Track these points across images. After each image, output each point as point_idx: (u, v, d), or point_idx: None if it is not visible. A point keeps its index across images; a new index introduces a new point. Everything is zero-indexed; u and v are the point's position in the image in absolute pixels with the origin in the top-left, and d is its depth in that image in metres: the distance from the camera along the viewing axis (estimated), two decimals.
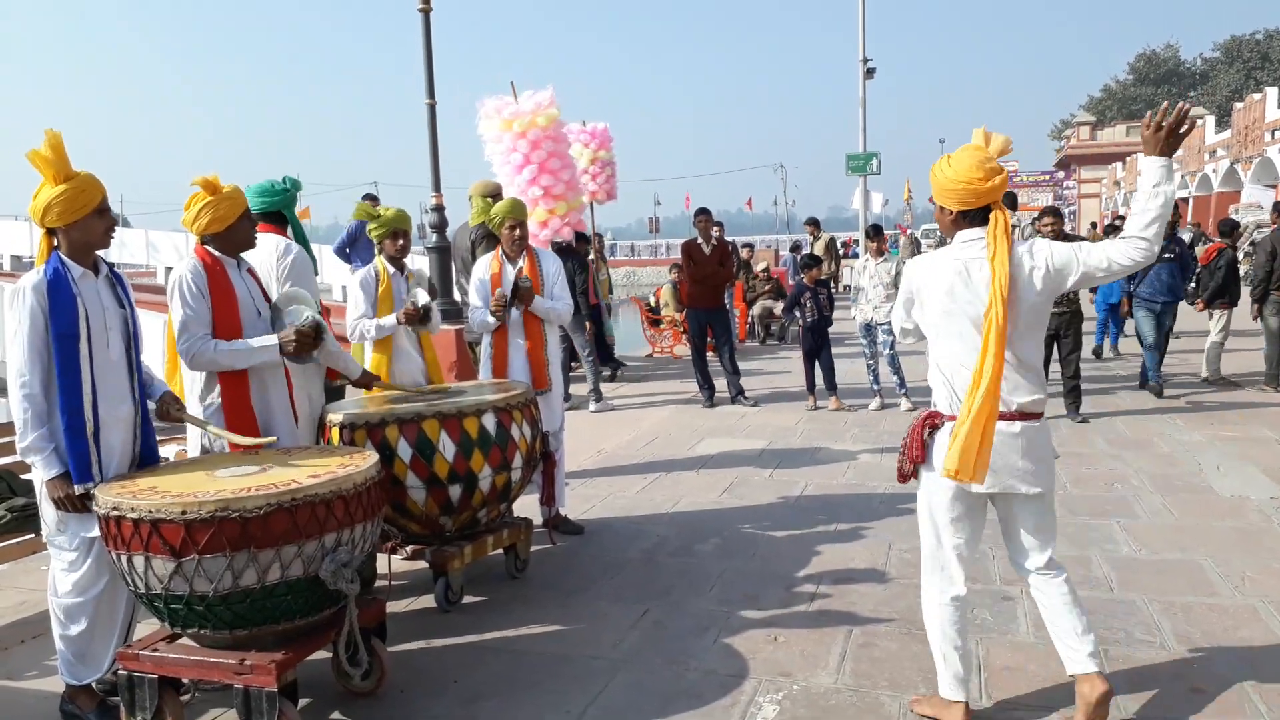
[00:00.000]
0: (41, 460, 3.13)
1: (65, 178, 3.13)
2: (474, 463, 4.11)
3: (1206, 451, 6.76)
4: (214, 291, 3.60)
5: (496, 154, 8.99)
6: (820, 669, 3.58)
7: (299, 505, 2.97)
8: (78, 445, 3.12)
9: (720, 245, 9.69)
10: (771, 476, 6.53)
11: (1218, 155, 32.82)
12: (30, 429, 3.11)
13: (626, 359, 13.16)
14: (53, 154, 3.11)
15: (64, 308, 3.10)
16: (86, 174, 3.18)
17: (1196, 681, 3.37)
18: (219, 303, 3.60)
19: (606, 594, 4.43)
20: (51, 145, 3.11)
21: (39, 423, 3.12)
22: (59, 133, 3.14)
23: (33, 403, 3.11)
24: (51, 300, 3.09)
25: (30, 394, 3.10)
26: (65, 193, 3.12)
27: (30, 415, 3.10)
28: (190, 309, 3.55)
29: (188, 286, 3.56)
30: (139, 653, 3.12)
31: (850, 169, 20.75)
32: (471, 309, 5.30)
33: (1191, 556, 4.65)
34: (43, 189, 3.14)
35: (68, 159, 3.14)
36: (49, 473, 3.13)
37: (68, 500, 3.14)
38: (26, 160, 3.11)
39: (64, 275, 3.13)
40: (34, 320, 3.09)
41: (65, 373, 3.09)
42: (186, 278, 3.58)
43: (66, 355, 3.09)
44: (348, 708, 3.42)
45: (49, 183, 3.13)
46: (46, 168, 3.11)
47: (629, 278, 46.76)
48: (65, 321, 3.10)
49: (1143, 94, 70.90)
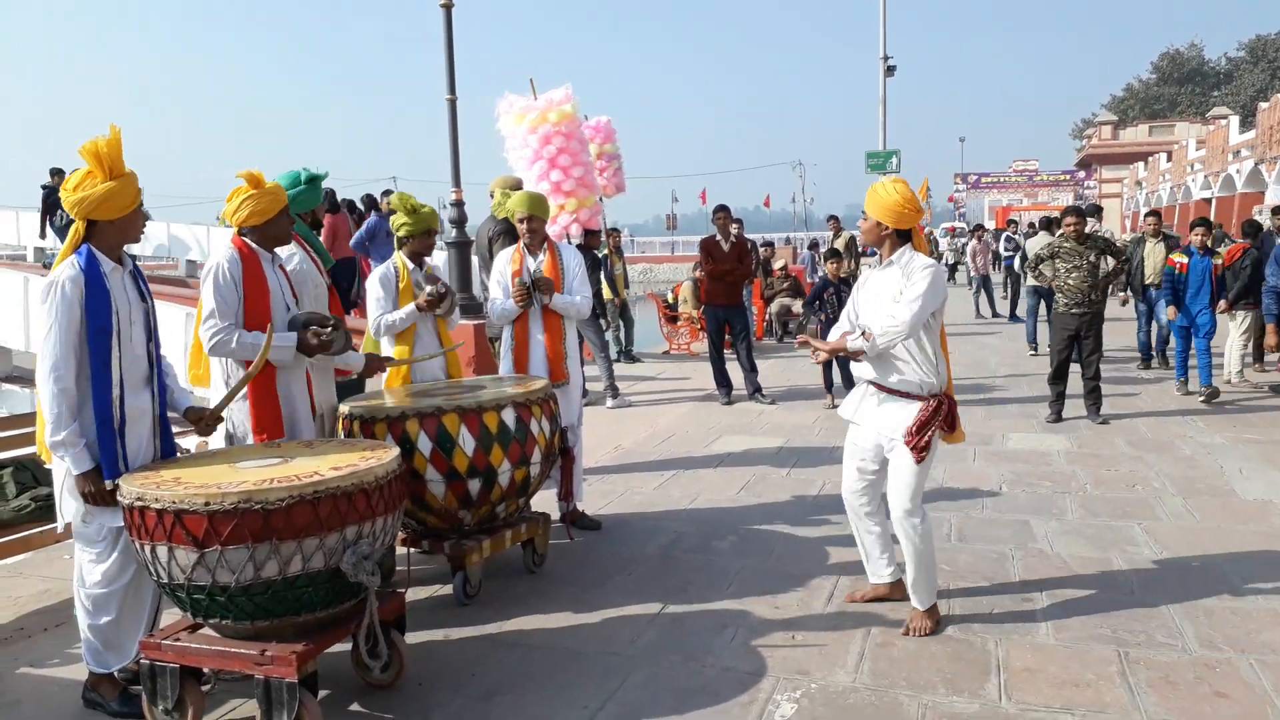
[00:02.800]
0: (73, 455, 3.14)
1: (118, 174, 3.17)
2: (493, 457, 4.12)
3: (1229, 454, 6.70)
4: (248, 282, 3.67)
5: (513, 151, 9.01)
6: (838, 668, 3.57)
7: (321, 498, 2.98)
8: (108, 440, 3.14)
9: (739, 242, 9.67)
10: (789, 474, 6.52)
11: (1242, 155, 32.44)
12: (63, 424, 3.11)
13: (644, 355, 13.17)
14: (111, 150, 3.15)
15: (99, 301, 3.12)
16: (132, 172, 3.23)
17: (1220, 686, 3.34)
18: (251, 293, 3.66)
19: (624, 590, 4.43)
20: (113, 141, 3.15)
21: (72, 417, 3.13)
22: (120, 129, 3.18)
23: (67, 397, 3.11)
24: (88, 294, 3.11)
25: (65, 388, 3.11)
26: (115, 189, 3.15)
27: (64, 410, 3.11)
28: (221, 297, 3.61)
29: (223, 275, 3.64)
30: (161, 642, 3.14)
31: (870, 167, 20.70)
32: (491, 300, 5.31)
33: (1214, 560, 4.60)
34: (87, 181, 3.15)
35: (123, 155, 3.19)
36: (80, 467, 3.14)
37: (98, 495, 3.16)
38: (80, 153, 3.13)
39: (97, 269, 3.16)
40: (70, 314, 3.10)
41: (98, 368, 3.11)
42: (223, 266, 3.65)
43: (100, 349, 3.12)
44: (367, 700, 3.44)
45: (98, 176, 3.15)
46: (101, 162, 3.14)
47: (646, 274, 46.71)
48: (101, 315, 3.12)
49: (1166, 93, 70.23)
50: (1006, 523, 5.25)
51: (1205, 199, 34.44)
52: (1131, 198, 51.37)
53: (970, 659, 3.60)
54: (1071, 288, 7.75)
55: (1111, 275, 8.33)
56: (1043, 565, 4.57)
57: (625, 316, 12.84)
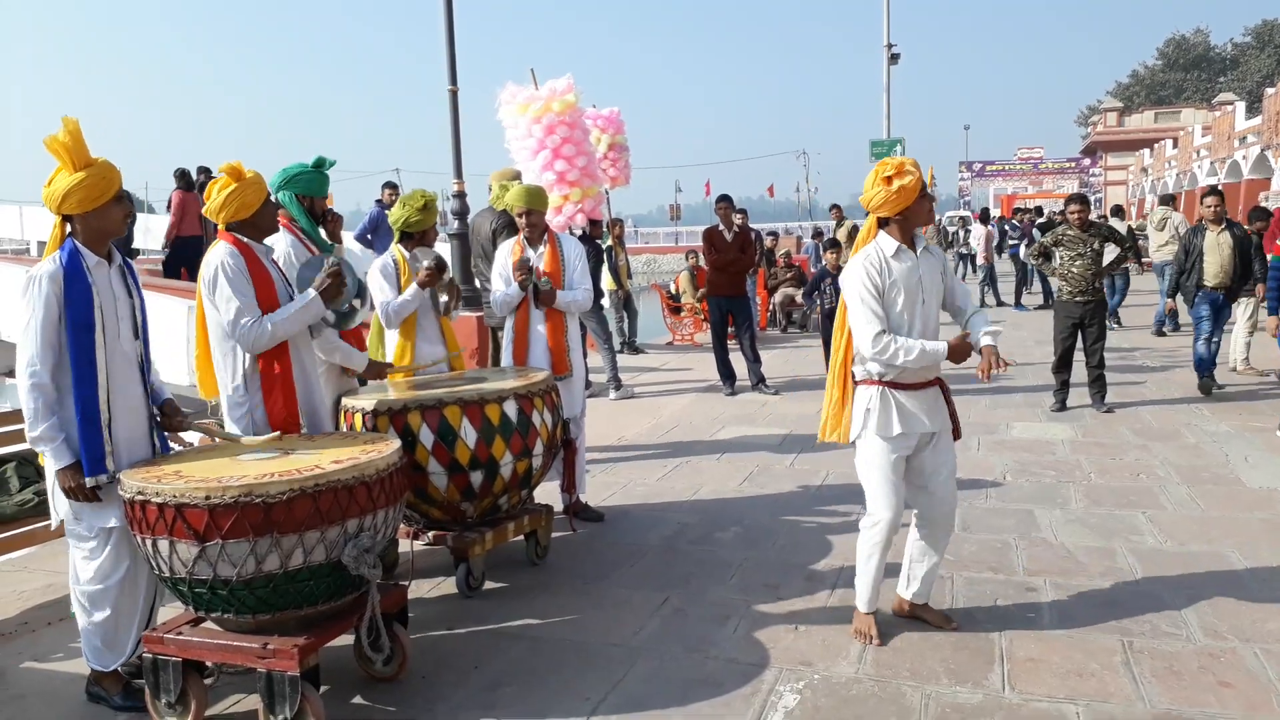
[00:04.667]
0: (52, 450, 3.13)
1: (84, 165, 3.13)
2: (495, 449, 4.11)
3: (1234, 442, 6.67)
4: (252, 275, 3.58)
5: (515, 141, 8.97)
6: (841, 659, 3.57)
7: (322, 490, 2.98)
8: (92, 436, 3.11)
9: (742, 232, 9.63)
10: (792, 465, 6.51)
11: (1248, 142, 32.29)
12: (40, 419, 3.10)
13: (647, 346, 13.15)
14: (72, 141, 3.10)
15: (80, 297, 3.09)
16: (104, 161, 3.18)
17: (1224, 675, 3.33)
18: (258, 286, 3.58)
19: (627, 581, 4.43)
20: (70, 132, 3.10)
21: (49, 412, 3.11)
22: (77, 120, 3.13)
23: (43, 392, 3.10)
24: (67, 289, 3.08)
25: (40, 383, 3.09)
26: (85, 180, 3.11)
27: (40, 405, 3.09)
28: (242, 295, 3.52)
29: (232, 272, 3.53)
30: (164, 636, 3.15)
31: (874, 155, 20.65)
32: (493, 291, 5.30)
33: (1219, 549, 4.59)
34: (59, 176, 3.13)
35: (86, 146, 3.14)
36: (60, 462, 3.13)
37: (78, 491, 3.14)
38: (44, 147, 3.10)
39: (80, 263, 3.13)
40: (48, 309, 3.07)
41: (80, 363, 3.09)
42: (228, 264, 3.54)
43: (81, 345, 3.09)
44: (369, 693, 3.44)
45: (67, 170, 3.12)
46: (65, 155, 3.11)
47: (650, 265, 46.64)
48: (81, 311, 3.09)
49: (1171, 79, 69.83)
50: (1010, 512, 5.24)
51: (1212, 185, 34.30)
52: (1137, 184, 51.17)
53: (974, 649, 3.60)
54: (1075, 276, 7.71)
55: (1115, 263, 8.28)
56: (1046, 555, 4.56)
57: (629, 307, 12.83)
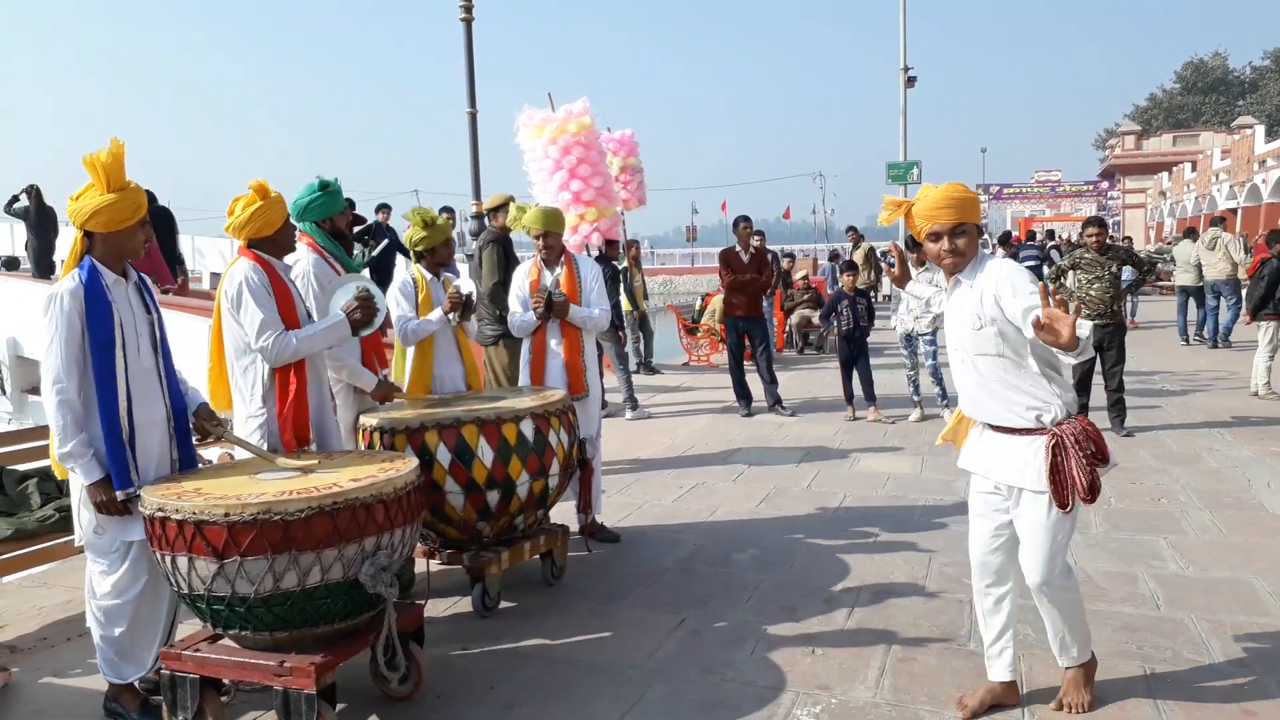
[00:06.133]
0: (81, 466, 3.16)
1: (119, 187, 3.19)
2: (512, 469, 4.12)
3: (1256, 467, 6.60)
4: (274, 291, 3.65)
5: (532, 163, 9.04)
6: (859, 682, 3.54)
7: (340, 509, 2.99)
8: (116, 451, 3.15)
9: (759, 253, 9.65)
10: (809, 487, 6.48)
11: (1268, 165, 32.16)
12: (69, 435, 3.13)
13: (663, 366, 13.16)
14: (112, 162, 3.16)
15: (100, 314, 3.14)
16: (136, 186, 3.24)
17: (1248, 703, 3.29)
18: (279, 301, 3.65)
19: (643, 602, 4.42)
20: (114, 154, 3.17)
21: (78, 428, 3.15)
22: (123, 144, 3.20)
23: (71, 408, 3.13)
24: (88, 306, 3.12)
25: (67, 399, 3.12)
26: (116, 202, 3.17)
27: (69, 421, 3.13)
28: (266, 309, 3.59)
29: (256, 286, 3.60)
30: (181, 652, 3.16)
31: (891, 178, 20.65)
32: (511, 313, 5.32)
33: (1241, 575, 4.54)
34: (89, 192, 3.18)
35: (124, 170, 3.20)
36: (90, 477, 3.16)
37: (110, 504, 3.17)
38: (82, 163, 3.15)
39: (99, 281, 3.17)
40: (71, 326, 3.12)
41: (102, 379, 3.13)
42: (253, 279, 3.61)
43: (103, 362, 3.13)
44: (385, 712, 3.43)
45: (99, 188, 3.17)
46: (102, 174, 3.16)
47: (666, 286, 46.74)
48: (102, 328, 3.13)
49: (1190, 103, 69.65)
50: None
51: (1230, 209, 34.15)
52: (1156, 208, 50.95)
53: None
54: (1093, 299, 7.67)
55: (1134, 286, 8.24)
56: None
57: (645, 328, 12.85)
